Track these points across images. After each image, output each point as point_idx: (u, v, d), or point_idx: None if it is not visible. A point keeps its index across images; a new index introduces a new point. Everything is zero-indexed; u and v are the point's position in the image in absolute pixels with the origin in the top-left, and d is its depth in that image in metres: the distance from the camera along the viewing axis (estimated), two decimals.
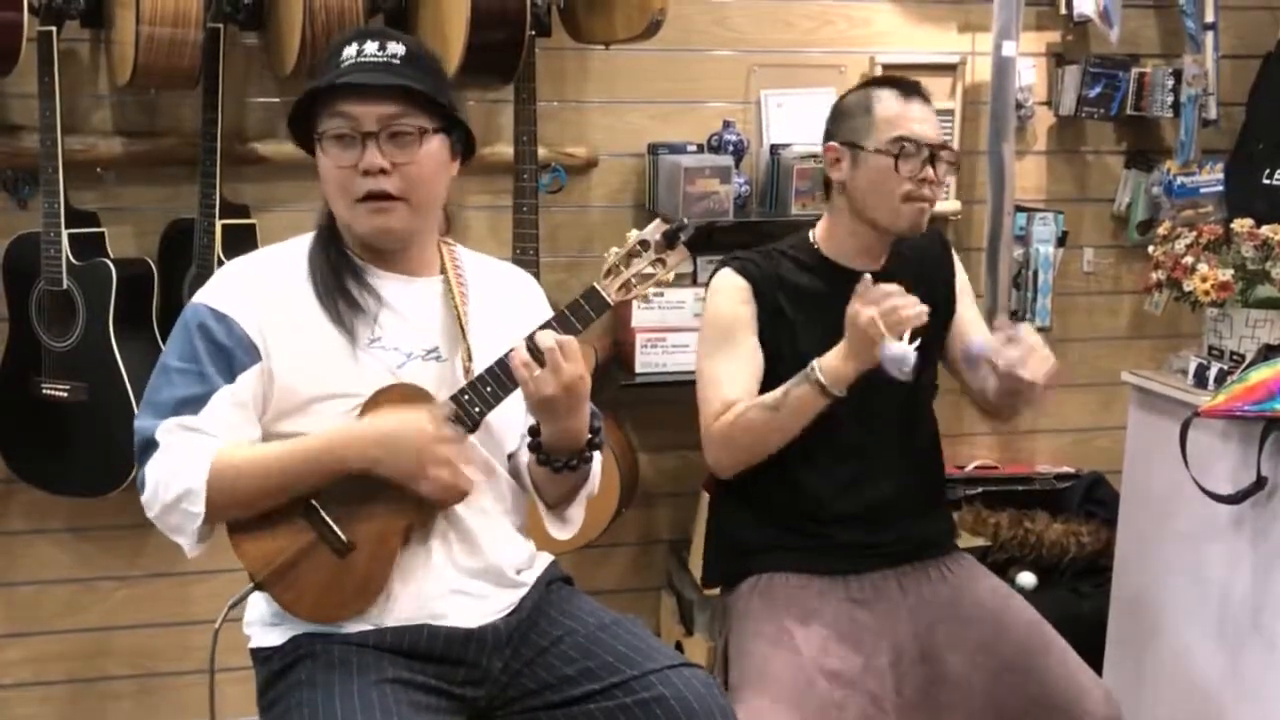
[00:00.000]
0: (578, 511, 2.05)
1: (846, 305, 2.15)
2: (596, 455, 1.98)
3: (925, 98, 2.28)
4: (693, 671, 1.90)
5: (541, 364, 1.80)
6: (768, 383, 2.24)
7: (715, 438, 2.24)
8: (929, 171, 2.22)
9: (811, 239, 2.36)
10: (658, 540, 3.45)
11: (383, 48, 1.88)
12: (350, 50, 1.88)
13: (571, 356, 1.81)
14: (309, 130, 1.91)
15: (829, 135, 2.32)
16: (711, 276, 2.35)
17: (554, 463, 1.91)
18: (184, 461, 1.79)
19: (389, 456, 1.80)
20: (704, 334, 2.33)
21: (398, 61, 1.88)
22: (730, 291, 2.29)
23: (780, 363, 2.25)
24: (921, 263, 2.39)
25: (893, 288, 2.07)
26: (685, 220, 1.89)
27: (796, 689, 2.11)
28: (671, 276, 1.91)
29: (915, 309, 2.06)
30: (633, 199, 3.28)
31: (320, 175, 1.90)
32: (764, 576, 2.29)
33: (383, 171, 1.84)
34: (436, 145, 1.90)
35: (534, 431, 1.92)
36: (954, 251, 2.49)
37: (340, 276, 1.90)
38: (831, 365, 2.10)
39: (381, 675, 1.83)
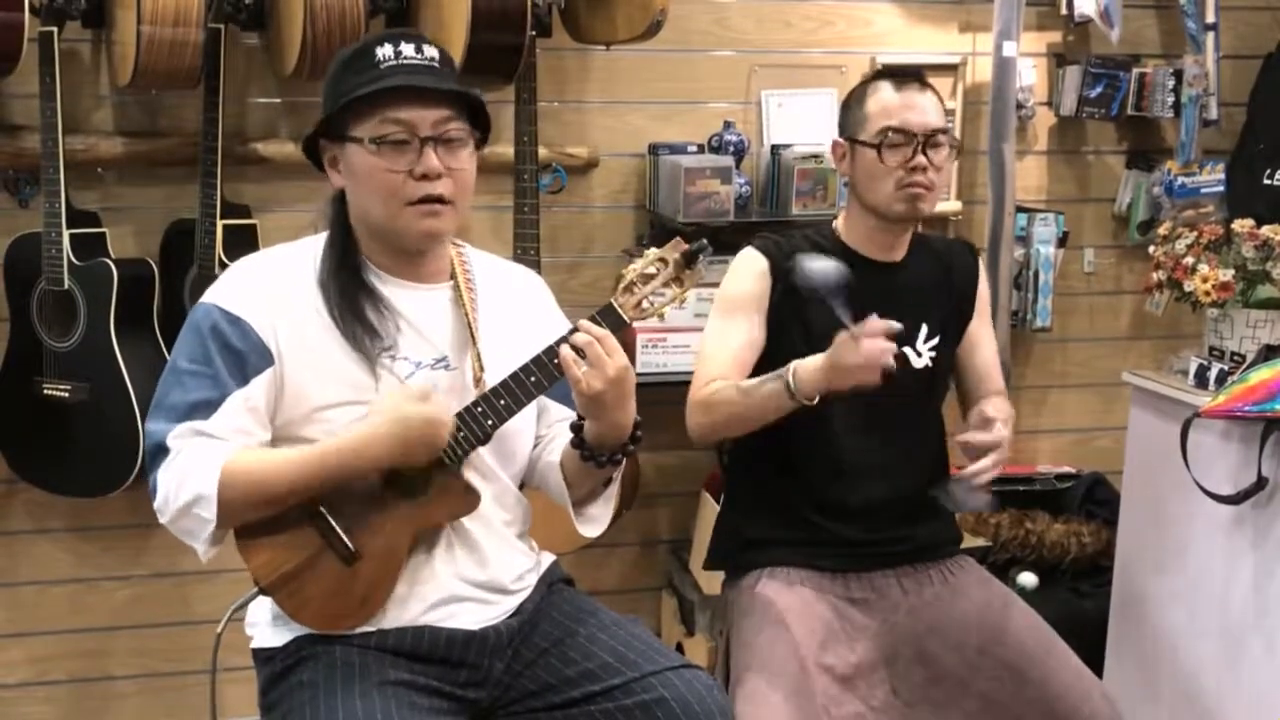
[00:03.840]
0: (604, 509, 2.03)
1: (860, 290, 2.17)
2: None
3: (922, 84, 2.29)
4: (694, 673, 1.91)
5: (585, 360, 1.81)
6: (773, 358, 2.26)
7: (694, 405, 2.29)
8: (919, 159, 2.24)
9: (834, 227, 2.39)
10: (658, 541, 3.45)
11: (419, 50, 1.86)
12: (385, 51, 1.85)
13: (613, 350, 1.81)
14: (329, 134, 1.88)
15: (838, 131, 2.36)
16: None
17: (598, 458, 1.90)
18: (195, 467, 1.78)
19: (409, 451, 1.79)
20: (716, 303, 2.37)
21: (437, 65, 1.88)
22: (747, 269, 2.32)
23: (788, 339, 2.27)
24: (949, 267, 2.42)
25: (887, 336, 2.05)
26: (704, 241, 1.88)
27: (794, 681, 2.11)
28: (689, 296, 1.90)
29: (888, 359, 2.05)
30: (633, 199, 3.29)
31: (356, 179, 1.86)
32: (766, 571, 2.30)
33: (438, 175, 1.84)
34: (472, 149, 1.91)
35: (576, 428, 1.91)
36: (981, 265, 2.50)
37: (357, 303, 1.88)
38: (807, 372, 2.11)
39: (383, 677, 1.83)
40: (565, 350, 1.81)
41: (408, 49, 1.86)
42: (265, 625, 1.94)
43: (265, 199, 3.05)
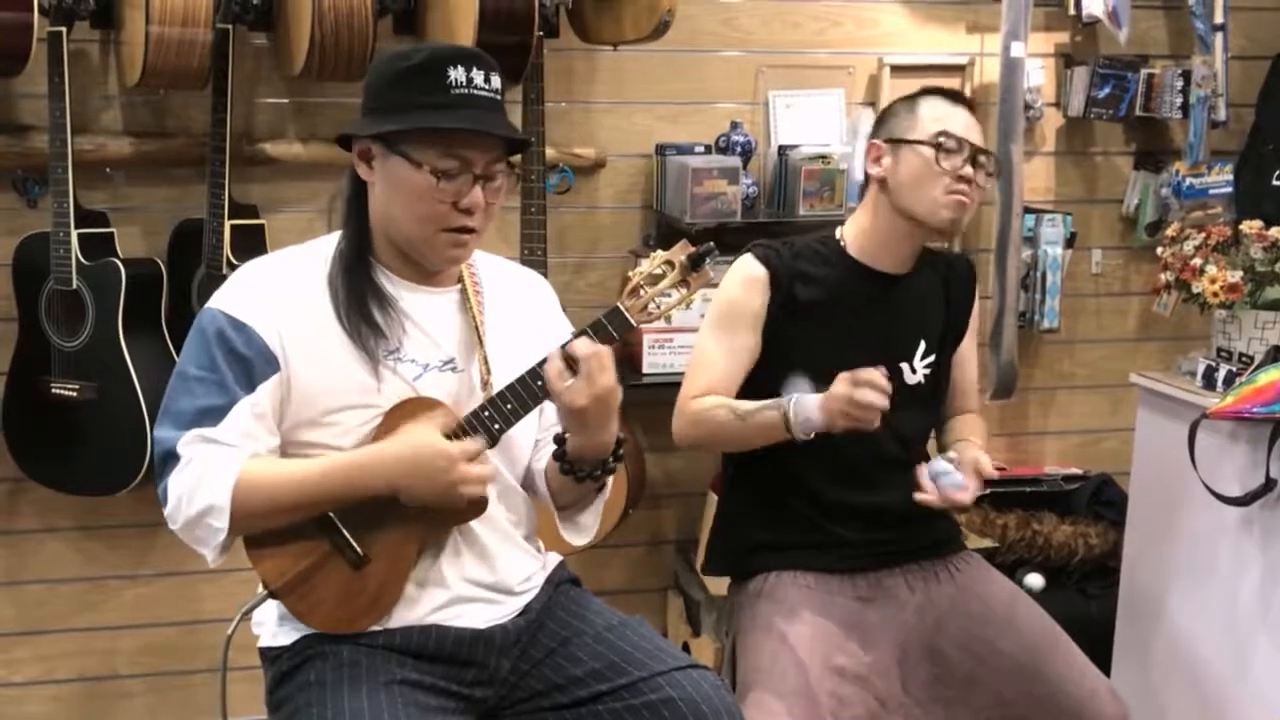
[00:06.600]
0: (592, 517, 2.05)
1: (863, 303, 2.26)
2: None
3: (972, 108, 2.29)
4: (701, 673, 1.90)
5: (575, 372, 1.80)
6: (771, 368, 2.25)
7: (684, 415, 2.27)
8: (969, 170, 2.22)
9: (838, 236, 2.35)
10: (665, 541, 3.45)
11: (487, 79, 1.85)
12: (458, 75, 1.82)
13: (606, 367, 1.81)
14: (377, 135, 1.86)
15: (872, 136, 2.33)
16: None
17: (577, 473, 1.91)
18: (207, 476, 1.78)
19: (414, 480, 1.79)
20: (711, 309, 2.33)
21: (500, 98, 1.88)
22: (746, 280, 2.28)
23: (786, 351, 2.25)
24: (948, 281, 2.41)
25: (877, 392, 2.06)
26: (711, 244, 1.87)
27: (803, 687, 2.11)
28: (695, 299, 1.90)
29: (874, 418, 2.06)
30: (640, 200, 3.29)
31: (395, 190, 1.85)
32: (772, 574, 2.30)
33: (479, 210, 1.86)
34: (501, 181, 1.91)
35: (559, 440, 1.91)
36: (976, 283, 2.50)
37: (364, 304, 1.88)
38: (807, 409, 2.12)
39: (390, 676, 1.83)
40: (550, 366, 1.81)
41: (478, 76, 1.84)
42: (272, 624, 1.94)
43: (273, 199, 3.06)
